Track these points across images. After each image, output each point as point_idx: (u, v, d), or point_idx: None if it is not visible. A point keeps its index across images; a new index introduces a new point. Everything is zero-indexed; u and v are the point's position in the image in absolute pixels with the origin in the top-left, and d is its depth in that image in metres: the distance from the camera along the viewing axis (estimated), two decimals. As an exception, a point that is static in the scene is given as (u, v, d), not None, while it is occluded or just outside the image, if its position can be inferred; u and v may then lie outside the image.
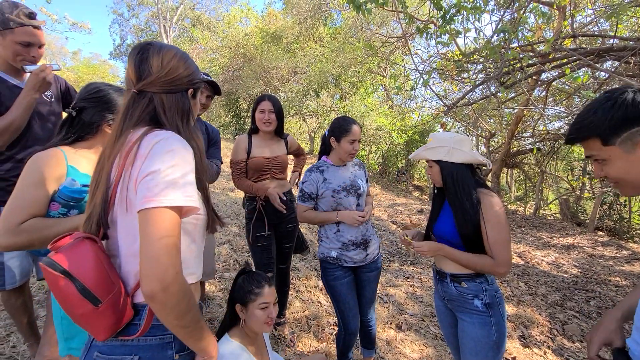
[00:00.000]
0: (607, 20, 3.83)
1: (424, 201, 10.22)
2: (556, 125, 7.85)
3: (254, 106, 2.20)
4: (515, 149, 9.24)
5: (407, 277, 3.83)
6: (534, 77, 5.06)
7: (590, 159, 0.86)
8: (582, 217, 9.07)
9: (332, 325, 2.63)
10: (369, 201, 1.98)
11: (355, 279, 1.91)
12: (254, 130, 2.22)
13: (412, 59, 3.87)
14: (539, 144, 8.68)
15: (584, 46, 4.37)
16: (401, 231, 1.65)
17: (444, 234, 1.48)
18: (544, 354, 2.66)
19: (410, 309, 3.11)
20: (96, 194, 0.82)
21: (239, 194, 5.74)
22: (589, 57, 3.44)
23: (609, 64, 4.36)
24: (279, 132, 2.24)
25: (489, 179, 8.85)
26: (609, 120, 0.78)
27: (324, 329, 2.55)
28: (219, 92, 2.10)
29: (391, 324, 2.79)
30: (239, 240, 3.89)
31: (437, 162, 1.45)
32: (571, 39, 3.83)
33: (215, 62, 14.20)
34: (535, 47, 3.99)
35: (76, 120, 1.19)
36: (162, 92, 0.85)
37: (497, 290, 1.43)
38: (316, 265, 3.68)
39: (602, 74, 4.86)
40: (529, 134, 8.99)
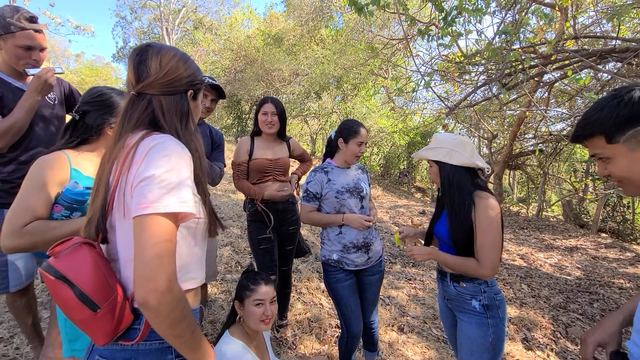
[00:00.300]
0: (609, 21, 3.83)
1: (425, 203, 10.20)
2: (558, 126, 7.84)
3: (256, 108, 2.21)
4: (517, 151, 9.21)
5: (409, 279, 3.82)
6: (536, 79, 5.05)
7: (594, 157, 0.86)
8: (585, 219, 9.02)
9: (334, 327, 2.63)
10: (371, 205, 1.99)
11: (357, 282, 1.91)
12: (257, 132, 2.22)
13: (414, 61, 3.88)
14: (541, 145, 8.66)
15: (586, 47, 4.36)
16: (396, 228, 1.68)
17: (442, 235, 1.49)
18: (547, 357, 2.64)
19: (412, 311, 3.10)
20: (96, 198, 0.82)
21: (241, 196, 5.75)
22: (591, 59, 3.43)
23: (611, 66, 4.35)
24: (281, 135, 2.25)
25: (491, 181, 8.83)
26: (615, 117, 0.78)
27: (325, 331, 2.54)
28: (224, 96, 2.10)
29: (393, 326, 2.79)
30: (241, 242, 3.89)
31: (437, 162, 1.46)
32: (573, 41, 3.83)
33: (217, 64, 14.25)
34: (537, 48, 3.99)
35: (79, 123, 1.20)
36: (160, 94, 0.84)
37: (498, 292, 1.43)
38: (318, 267, 3.68)
39: (605, 75, 4.85)
40: (531, 136, 8.96)
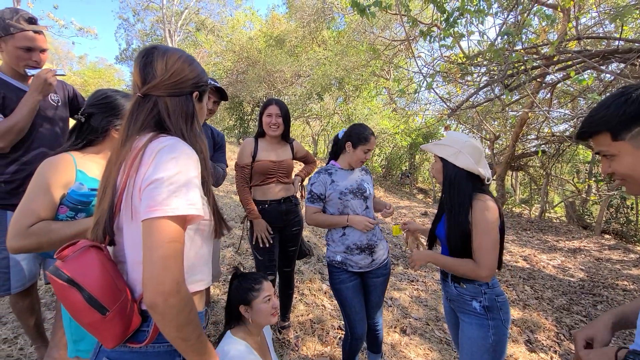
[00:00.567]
0: (612, 22, 3.81)
1: (427, 204, 10.18)
2: (561, 127, 7.81)
3: (261, 110, 2.21)
4: (519, 152, 9.19)
5: (412, 281, 3.82)
6: (538, 80, 5.03)
7: (599, 154, 0.86)
8: (588, 220, 8.97)
9: (337, 329, 2.62)
10: (383, 201, 2.03)
11: (362, 283, 1.91)
12: (261, 134, 2.22)
13: (416, 62, 3.88)
14: (544, 146, 8.63)
15: (589, 48, 4.35)
16: (404, 233, 1.72)
17: (442, 236, 1.49)
18: (550, 359, 2.63)
19: (414, 312, 3.09)
20: (103, 201, 0.82)
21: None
22: (594, 60, 3.42)
23: (614, 66, 4.33)
24: (285, 137, 2.25)
25: (494, 179, 8.80)
26: (621, 115, 0.78)
27: (328, 333, 2.54)
28: (226, 98, 2.11)
29: (396, 327, 2.78)
30: (243, 243, 3.89)
31: (442, 160, 1.46)
32: (576, 41, 3.82)
33: (219, 65, 14.30)
34: (539, 49, 3.98)
35: (85, 126, 1.21)
36: (166, 96, 0.84)
37: (500, 294, 1.43)
38: (320, 268, 3.67)
39: (608, 76, 4.83)
40: (533, 137, 8.93)
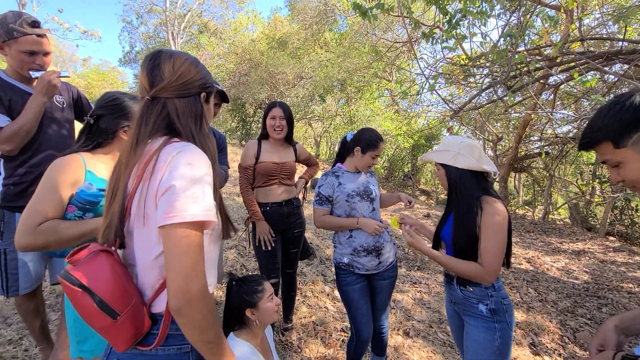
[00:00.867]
0: (616, 23, 3.80)
1: (430, 205, 10.16)
2: (565, 128, 7.78)
3: (264, 112, 2.21)
4: (523, 153, 9.15)
5: (415, 283, 3.80)
6: (541, 81, 5.02)
7: (605, 164, 0.88)
8: (592, 222, 8.91)
9: (339, 331, 2.62)
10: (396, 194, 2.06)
11: (369, 285, 1.90)
12: (264, 136, 2.23)
13: (418, 64, 3.88)
14: (547, 147, 8.59)
15: (592, 49, 4.33)
16: (401, 231, 1.71)
17: (448, 238, 1.48)
18: (555, 362, 2.61)
19: (417, 315, 3.08)
20: (113, 204, 0.82)
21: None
22: (597, 61, 3.41)
23: (618, 67, 4.32)
24: (288, 139, 2.26)
25: (497, 180, 8.77)
26: (619, 122, 0.80)
27: (331, 335, 2.54)
28: (227, 100, 2.12)
29: (399, 330, 2.77)
30: (246, 244, 3.90)
31: (443, 165, 1.46)
32: (579, 43, 3.81)
33: (222, 67, 14.36)
34: (542, 50, 3.97)
35: (94, 127, 1.24)
36: (175, 97, 0.85)
37: (505, 297, 1.42)
38: (322, 270, 3.67)
39: (612, 77, 4.81)
40: (536, 138, 8.90)
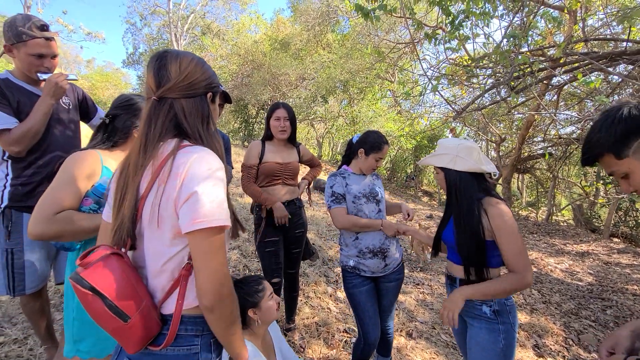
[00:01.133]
0: (620, 23, 3.79)
1: (433, 207, 10.14)
2: (568, 129, 7.74)
3: (268, 113, 2.22)
4: (526, 154, 9.12)
5: (417, 284, 3.80)
6: (544, 82, 5.00)
7: (613, 176, 0.90)
8: (596, 224, 8.86)
9: (342, 332, 2.62)
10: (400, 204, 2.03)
11: (375, 287, 1.90)
12: (268, 136, 2.24)
13: (421, 65, 3.88)
14: (550, 148, 8.55)
15: (596, 50, 4.31)
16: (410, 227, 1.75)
17: (450, 241, 1.48)
18: (559, 364, 2.60)
19: (420, 316, 3.08)
20: (123, 205, 0.82)
21: (248, 199, 5.78)
22: (601, 61, 3.39)
23: (622, 68, 4.30)
24: (291, 140, 2.27)
25: (500, 183, 8.74)
26: (614, 134, 0.83)
27: (334, 336, 2.54)
28: (230, 101, 2.13)
29: (401, 331, 2.77)
30: (249, 245, 3.91)
31: (442, 169, 1.46)
32: (582, 43, 3.79)
33: (224, 69, 14.41)
34: (545, 51, 3.96)
35: (109, 127, 1.27)
36: (181, 98, 0.85)
37: (509, 298, 1.42)
38: (325, 271, 3.67)
39: (615, 78, 4.79)
40: (540, 139, 8.87)
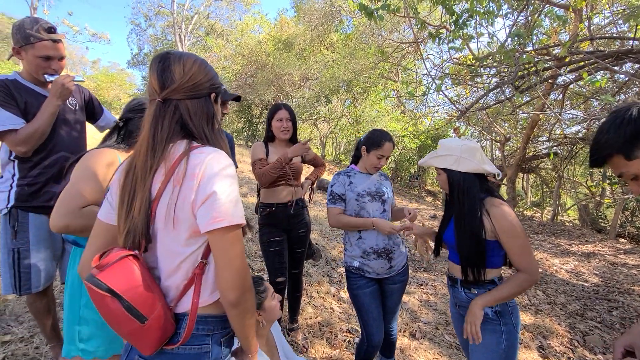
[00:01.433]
0: (626, 22, 3.74)
1: (436, 207, 10.10)
2: (574, 129, 7.68)
3: (269, 115, 2.23)
4: (531, 154, 9.05)
5: (421, 284, 3.79)
6: (549, 81, 4.96)
7: (622, 178, 0.89)
8: (602, 224, 8.77)
9: (345, 332, 2.62)
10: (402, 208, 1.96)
11: (379, 289, 1.89)
12: (270, 138, 2.25)
13: (424, 64, 3.87)
14: (555, 148, 8.48)
15: (602, 49, 4.27)
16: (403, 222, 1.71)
17: (451, 241, 1.48)
18: (564, 366, 2.58)
19: (424, 316, 3.07)
20: (134, 208, 0.81)
21: (252, 199, 5.79)
22: (607, 60, 3.36)
23: (628, 67, 4.25)
24: (293, 140, 2.28)
25: (505, 183, 8.68)
26: (623, 135, 0.82)
27: (336, 336, 2.54)
28: (239, 98, 2.13)
29: (405, 331, 2.76)
30: (252, 245, 3.92)
31: (445, 170, 1.44)
32: (588, 42, 3.76)
33: (228, 69, 14.47)
34: (550, 50, 3.93)
35: (123, 129, 1.29)
36: (186, 99, 0.86)
37: None
38: (328, 271, 3.67)
39: (622, 77, 4.74)
40: (545, 138, 8.79)
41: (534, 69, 3.35)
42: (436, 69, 4.13)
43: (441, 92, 3.66)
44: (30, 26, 1.50)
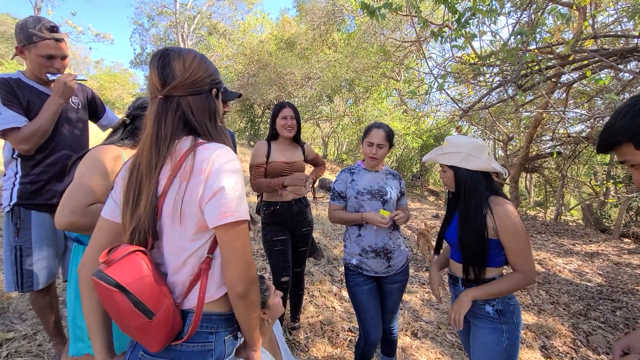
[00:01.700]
0: (631, 19, 3.71)
1: (439, 206, 10.07)
2: (577, 128, 7.62)
3: (273, 113, 2.23)
4: (534, 153, 9.00)
5: (423, 284, 3.78)
6: (553, 80, 4.93)
7: (624, 164, 0.86)
8: (606, 224, 8.72)
9: (347, 331, 2.61)
10: (404, 211, 1.92)
11: (378, 288, 1.89)
12: (273, 136, 2.25)
13: (427, 63, 3.86)
14: (559, 147, 8.43)
15: (606, 47, 4.23)
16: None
17: (453, 240, 1.46)
18: (567, 366, 2.56)
19: (426, 316, 3.06)
20: (140, 205, 0.81)
21: (254, 199, 5.80)
22: (611, 58, 3.33)
23: (633, 65, 4.21)
24: (296, 139, 2.28)
25: (508, 183, 8.64)
26: (639, 124, 0.78)
27: (338, 335, 2.54)
28: (239, 95, 2.13)
29: (407, 331, 2.75)
30: (254, 244, 3.92)
31: (452, 167, 1.43)
32: (592, 40, 3.73)
33: (230, 68, 14.49)
34: (554, 49, 3.90)
35: (129, 127, 1.30)
36: (188, 95, 0.86)
37: (512, 297, 1.41)
38: (330, 270, 3.67)
39: (626, 75, 4.70)
40: (548, 138, 8.74)
41: (537, 67, 3.32)
42: (439, 67, 4.11)
43: (444, 91, 3.65)
44: (32, 25, 1.51)
